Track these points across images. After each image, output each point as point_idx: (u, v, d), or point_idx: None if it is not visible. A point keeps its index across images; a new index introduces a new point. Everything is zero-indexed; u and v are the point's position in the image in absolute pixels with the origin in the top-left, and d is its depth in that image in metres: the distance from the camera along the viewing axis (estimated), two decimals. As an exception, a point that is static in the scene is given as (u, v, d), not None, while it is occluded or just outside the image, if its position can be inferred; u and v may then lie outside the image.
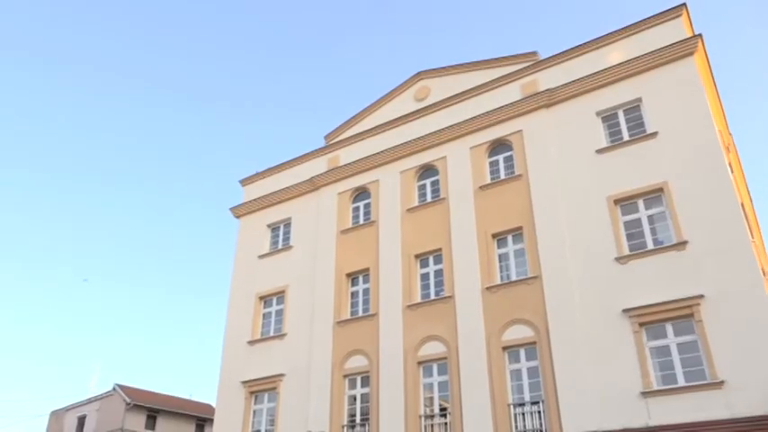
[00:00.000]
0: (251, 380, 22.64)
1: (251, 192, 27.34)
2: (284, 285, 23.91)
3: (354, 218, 23.81)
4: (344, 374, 20.77)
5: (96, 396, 38.05)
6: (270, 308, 24.19)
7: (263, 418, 22.23)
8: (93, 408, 37.55)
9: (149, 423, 36.26)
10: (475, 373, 18.05)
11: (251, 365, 22.92)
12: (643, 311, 16.20)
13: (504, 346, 18.06)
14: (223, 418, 22.94)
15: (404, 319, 20.28)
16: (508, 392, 17.53)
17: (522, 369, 17.74)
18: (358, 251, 22.60)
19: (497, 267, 19.52)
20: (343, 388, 20.66)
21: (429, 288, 20.68)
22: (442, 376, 19.04)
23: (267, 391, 22.42)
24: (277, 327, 23.53)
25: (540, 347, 17.47)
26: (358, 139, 24.87)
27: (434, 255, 21.02)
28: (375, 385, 19.85)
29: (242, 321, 24.26)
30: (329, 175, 24.76)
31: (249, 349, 23.48)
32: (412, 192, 22.57)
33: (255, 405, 22.58)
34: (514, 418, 17.07)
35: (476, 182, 21.00)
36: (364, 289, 22.14)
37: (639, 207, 17.81)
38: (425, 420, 18.58)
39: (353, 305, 22.15)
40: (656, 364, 15.81)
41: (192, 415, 38.23)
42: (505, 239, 19.85)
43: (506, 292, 18.73)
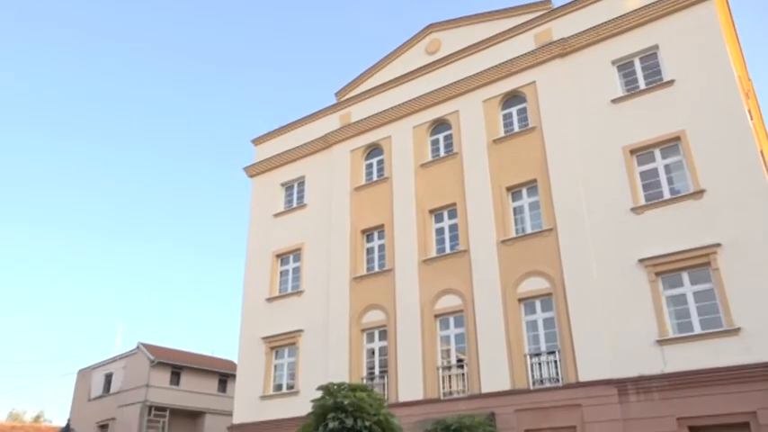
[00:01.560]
0: (271, 336, 23.12)
1: (263, 151, 27.35)
2: (300, 243, 24.15)
3: (368, 174, 23.81)
4: (362, 329, 21.14)
5: (121, 354, 39.04)
6: (287, 265, 24.50)
7: (284, 373, 22.79)
8: (119, 366, 38.60)
9: (174, 379, 37.27)
10: (491, 324, 18.31)
11: (270, 322, 23.38)
12: (659, 261, 16.24)
13: (520, 298, 18.25)
14: (245, 373, 23.55)
15: (419, 273, 20.48)
16: (524, 343, 17.79)
17: (537, 320, 17.96)
18: (372, 208, 22.69)
19: (512, 220, 19.56)
20: (361, 342, 21.06)
21: (444, 242, 20.81)
22: (458, 329, 19.33)
23: (287, 347, 22.92)
24: (294, 284, 23.87)
25: (555, 298, 17.63)
26: (369, 96, 24.66)
27: (449, 209, 21.06)
28: (393, 338, 20.21)
29: (260, 279, 24.63)
30: (341, 132, 24.66)
31: (268, 306, 23.90)
32: (425, 147, 22.47)
33: (276, 360, 23.12)
34: (531, 367, 17.37)
35: (489, 135, 20.85)
36: (380, 245, 22.31)
37: (656, 156, 17.64)
38: (443, 371, 18.96)
39: (369, 261, 22.37)
40: (672, 313, 15.94)
41: (214, 371, 39.16)
42: (520, 192, 19.81)
43: (521, 244, 18.80)
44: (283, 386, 22.55)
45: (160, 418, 36.00)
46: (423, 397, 18.75)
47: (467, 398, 17.87)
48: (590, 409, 15.87)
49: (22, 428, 55.64)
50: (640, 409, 15.32)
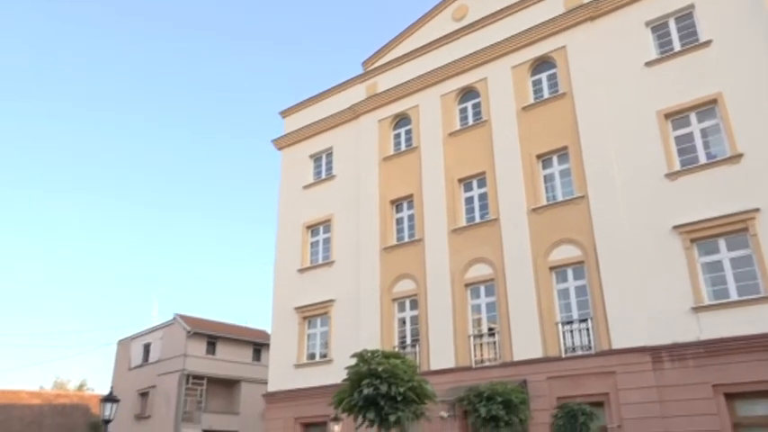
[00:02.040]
0: (303, 306, 23.47)
1: (291, 123, 27.40)
2: (329, 214, 24.30)
3: (396, 144, 23.73)
4: (393, 298, 21.31)
5: (159, 325, 40.12)
6: (317, 236, 24.71)
7: (316, 342, 23.17)
8: (156, 336, 39.70)
9: (209, 349, 38.23)
10: (522, 293, 18.29)
11: (302, 292, 23.70)
12: (695, 227, 15.96)
13: (552, 267, 18.15)
14: (279, 342, 24.00)
15: (449, 242, 20.48)
16: (556, 311, 17.75)
17: (569, 288, 17.88)
18: (401, 178, 22.65)
19: (543, 188, 19.35)
20: (392, 311, 21.25)
21: (474, 212, 20.72)
22: (489, 297, 19.36)
23: (319, 316, 23.25)
24: (325, 254, 24.10)
25: (587, 266, 17.50)
26: (396, 65, 24.42)
27: (478, 178, 20.92)
28: (423, 308, 20.34)
29: (291, 250, 24.92)
30: (368, 102, 24.55)
31: (300, 277, 24.21)
32: (453, 115, 22.25)
33: (309, 329, 23.49)
34: (563, 335, 17.35)
35: (518, 102, 20.54)
36: (409, 215, 22.33)
37: (691, 120, 17.20)
38: (474, 340, 19.06)
39: (399, 231, 22.43)
40: (707, 280, 15.72)
41: (248, 341, 40.03)
42: (550, 160, 19.56)
43: (552, 212, 18.64)
44: (316, 355, 22.94)
45: (198, 387, 37.06)
46: (454, 365, 18.92)
47: (499, 365, 17.97)
48: (623, 377, 15.84)
49: (66, 396, 57.78)
50: (675, 376, 15.24)
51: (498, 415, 10.47)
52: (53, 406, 52.42)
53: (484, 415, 10.53)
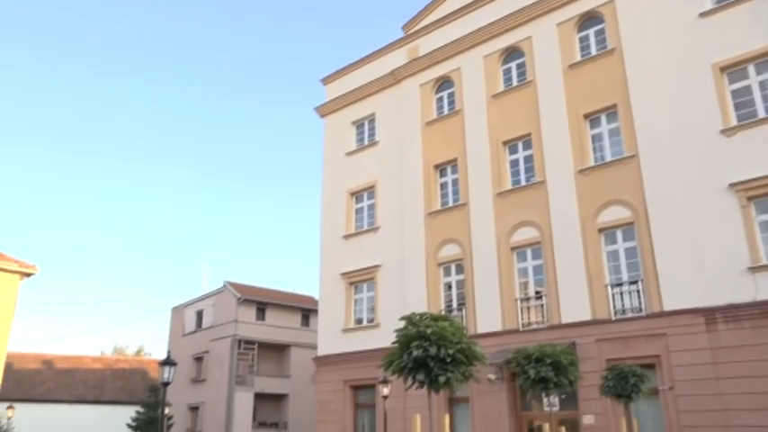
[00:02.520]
0: (349, 272, 23.74)
1: (333, 90, 27.34)
2: (373, 180, 24.33)
3: (438, 108, 23.45)
4: (439, 263, 21.34)
5: (210, 292, 41.33)
6: (361, 203, 24.83)
7: (363, 307, 23.48)
8: (208, 303, 40.94)
9: (259, 315, 39.24)
10: (570, 256, 18.05)
11: (348, 258, 23.96)
12: (752, 185, 15.38)
13: (600, 228, 17.82)
14: (326, 308, 24.42)
15: (495, 206, 20.30)
16: (605, 273, 17.48)
17: (619, 250, 17.55)
18: (444, 142, 22.44)
19: (590, 149, 18.90)
20: (438, 276, 21.30)
21: (519, 174, 20.43)
22: (536, 260, 19.19)
23: (365, 282, 23.51)
24: (370, 221, 24.23)
25: (638, 227, 17.12)
26: (437, 27, 23.97)
27: (523, 140, 20.55)
28: (469, 272, 20.32)
29: (336, 217, 25.14)
30: (410, 66, 24.24)
31: (345, 243, 24.45)
32: (497, 77, 21.80)
33: (356, 295, 23.81)
34: (612, 298, 17.11)
35: (565, 60, 19.95)
36: (453, 179, 22.17)
37: (749, 73, 16.43)
38: (521, 303, 18.99)
39: (443, 196, 22.32)
40: (765, 239, 15.19)
41: (297, 306, 40.91)
42: (598, 119, 19.03)
43: (601, 173, 18.21)
44: (363, 320, 23.28)
45: (249, 351, 38.19)
46: (501, 328, 18.93)
47: (546, 328, 17.90)
48: (675, 339, 15.58)
49: (125, 361, 60.41)
50: (729, 337, 14.90)
51: (547, 376, 10.45)
52: (114, 370, 54.94)
53: (533, 376, 10.53)
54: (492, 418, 18.36)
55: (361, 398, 22.72)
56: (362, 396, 22.70)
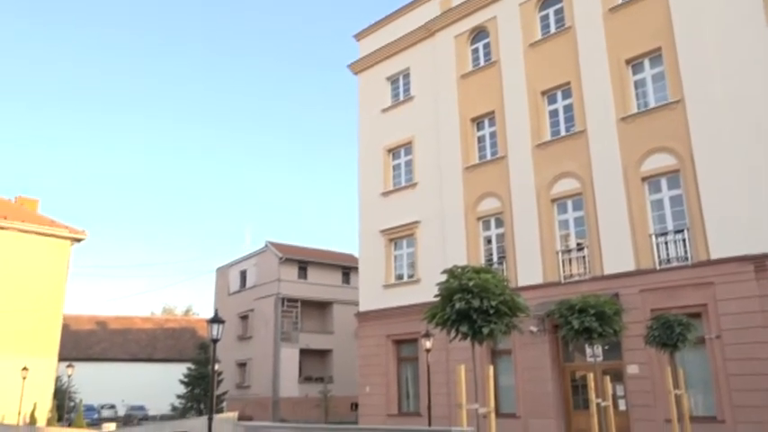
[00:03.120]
0: (388, 228, 23.85)
1: (366, 46, 26.98)
2: (410, 136, 24.15)
3: (474, 60, 22.94)
4: (478, 217, 21.23)
5: (252, 253, 42.22)
6: (398, 159, 24.73)
7: (403, 263, 23.63)
8: (251, 263, 41.85)
9: (301, 273, 39.99)
10: (612, 206, 17.73)
11: (387, 215, 24.02)
12: (805, 126, 14.73)
13: (644, 177, 17.40)
14: (367, 265, 24.67)
15: (534, 158, 19.98)
16: (649, 223, 17.15)
17: (663, 198, 17.15)
18: (481, 94, 22.03)
19: (633, 95, 18.32)
20: (477, 230, 21.22)
21: (559, 125, 19.99)
22: (577, 212, 18.92)
23: (405, 238, 23.60)
24: (407, 177, 24.16)
25: (683, 175, 16.65)
26: (471, -26, 23.25)
27: (562, 89, 20.02)
28: (509, 225, 20.18)
29: (374, 174, 25.13)
30: (443, 18, 23.68)
31: (383, 200, 24.50)
32: (533, 24, 21.14)
33: (395, 251, 23.95)
34: (657, 247, 16.81)
35: (605, 4, 19.19)
36: (490, 132, 21.83)
37: (803, 8, 15.55)
38: (563, 255, 18.83)
39: (481, 149, 22.04)
40: (818, 182, 14.62)
41: (337, 264, 41.52)
42: (641, 64, 18.37)
43: (644, 120, 17.68)
44: (404, 275, 23.45)
45: (293, 309, 39.09)
46: (542, 281, 18.86)
47: (588, 280, 17.75)
48: (723, 287, 15.28)
49: (175, 321, 62.55)
50: (780, 284, 14.53)
51: (591, 327, 10.39)
52: (164, 329, 57.07)
53: (576, 327, 10.47)
54: (534, 370, 18.48)
55: (404, 352, 23.09)
56: (405, 350, 23.06)
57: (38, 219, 33.72)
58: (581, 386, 18.04)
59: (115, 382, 46.83)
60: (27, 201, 36.28)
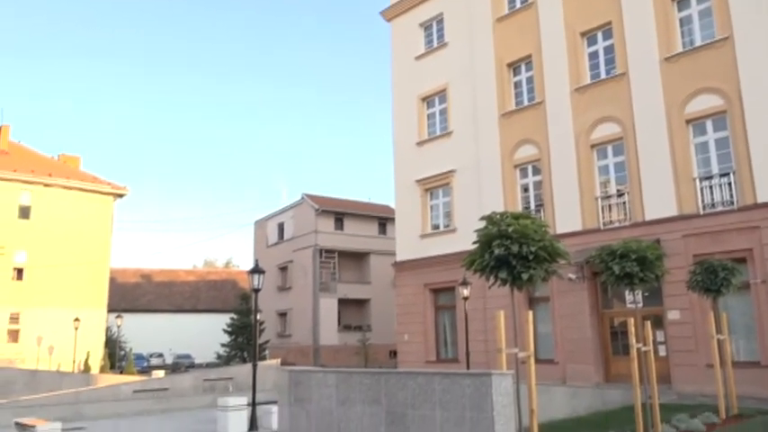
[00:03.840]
0: (424, 178, 23.73)
1: (398, -9, 26.30)
2: (444, 84, 23.72)
3: (510, 2, 22.17)
4: (515, 165, 20.93)
5: (289, 205, 42.68)
6: (433, 108, 24.38)
7: (439, 212, 23.58)
8: (288, 216, 42.35)
9: (338, 225, 40.34)
10: (654, 150, 17.25)
11: (422, 164, 23.86)
12: None
13: (688, 119, 16.82)
14: (403, 215, 24.70)
15: (572, 102, 19.45)
16: (693, 166, 16.66)
17: (708, 141, 16.59)
18: (517, 38, 21.38)
19: (678, 33, 17.54)
20: (514, 178, 20.95)
21: (599, 67, 19.34)
22: (617, 157, 18.47)
23: (441, 187, 23.48)
24: (442, 126, 23.84)
25: (730, 116, 16.03)
26: None
27: (603, 30, 19.28)
28: (547, 172, 19.86)
29: (408, 124, 24.87)
30: (478, -42, 22.84)
31: (418, 150, 24.30)
32: (573, -38, 20.25)
33: (431, 201, 23.88)
34: (701, 191, 16.37)
35: (649, -64, 18.22)
36: (527, 77, 21.28)
37: None
38: (602, 202, 18.51)
39: (517, 95, 21.55)
40: None
41: (374, 215, 41.71)
42: (687, 0, 17.51)
43: (689, 59, 16.96)
44: (440, 225, 23.43)
45: (330, 260, 39.62)
46: (581, 228, 18.64)
47: (629, 226, 17.45)
48: (769, 231, 14.85)
49: (216, 273, 64.14)
50: (830, 227, 14.05)
51: (632, 272, 10.18)
52: (206, 282, 58.63)
53: (617, 272, 10.27)
54: (573, 317, 18.47)
55: (441, 300, 23.29)
56: (442, 298, 23.25)
57: (81, 175, 34.60)
58: (620, 332, 18.00)
59: (162, 333, 48.61)
60: (69, 158, 37.16)
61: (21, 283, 30.40)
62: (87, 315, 30.58)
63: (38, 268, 30.39)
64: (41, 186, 31.66)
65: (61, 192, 32.22)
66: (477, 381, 5.68)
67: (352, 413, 6.70)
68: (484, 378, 5.64)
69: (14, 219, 30.76)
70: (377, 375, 6.65)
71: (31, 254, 30.61)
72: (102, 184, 33.85)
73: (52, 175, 32.37)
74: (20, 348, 29.74)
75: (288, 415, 7.51)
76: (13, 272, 30.31)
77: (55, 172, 32.94)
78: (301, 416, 7.33)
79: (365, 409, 6.57)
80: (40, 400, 16.28)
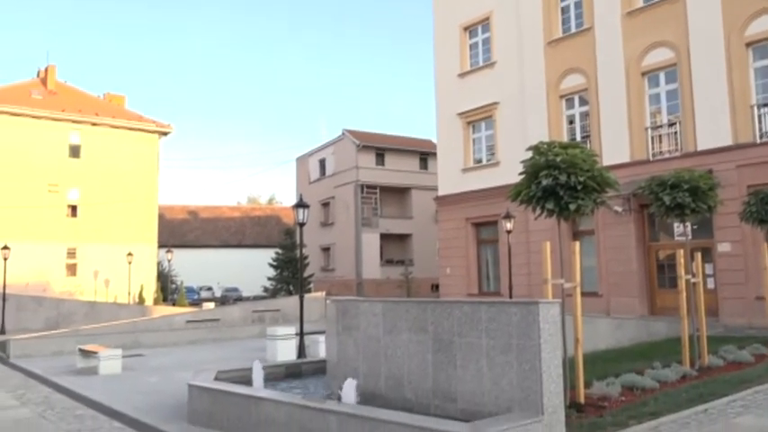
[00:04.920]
0: (466, 111, 23.29)
1: None
2: (487, 11, 22.87)
3: None
4: (561, 95, 20.31)
5: (330, 141, 42.68)
6: (476, 38, 23.62)
7: (482, 146, 23.23)
8: (329, 152, 42.41)
9: (379, 160, 40.25)
10: (710, 76, 16.45)
11: (464, 97, 23.37)
12: None
13: (749, 42, 15.91)
14: (445, 149, 24.44)
15: (623, 28, 18.56)
16: (751, 93, 15.88)
17: (770, 65, 15.72)
18: (565, -40, 20.33)
19: (741, -52, 16.36)
20: (560, 108, 20.38)
21: (652, -11, 18.31)
22: (670, 85, 17.71)
23: (483, 120, 23.04)
24: (485, 56, 23.15)
25: (794, 38, 15.09)
26: None
27: (658, -52, 18.15)
28: (594, 102, 19.23)
29: (450, 55, 24.24)
30: None
31: (461, 82, 23.75)
32: None
33: (474, 134, 23.50)
34: (758, 119, 15.65)
35: None
36: (575, 2, 20.34)
37: None
38: (652, 132, 17.90)
39: (565, 21, 20.67)
40: None
41: (415, 150, 41.40)
42: None
43: (752, -23, 15.88)
44: (483, 159, 23.13)
45: (372, 195, 39.80)
46: (629, 159, 18.15)
47: (680, 156, 16.89)
48: (831, 160, 14.18)
49: (260, 209, 65.34)
50: None
51: (684, 202, 9.89)
52: (251, 218, 59.87)
53: (668, 203, 10.00)
54: (618, 250, 18.25)
55: (484, 234, 23.25)
56: (485, 232, 23.21)
57: (126, 114, 35.18)
58: (666, 265, 17.76)
59: (209, 267, 50.24)
60: (115, 97, 37.70)
61: (75, 219, 31.59)
62: (139, 250, 31.72)
63: (90, 205, 31.47)
64: (89, 125, 32.34)
65: (108, 131, 32.89)
66: (525, 309, 5.68)
67: (398, 340, 6.83)
68: (531, 306, 5.64)
69: (65, 158, 31.68)
70: (423, 304, 6.72)
71: (84, 192, 31.64)
72: (147, 123, 34.37)
73: (99, 114, 32.98)
74: (78, 281, 31.22)
75: (336, 343, 7.72)
76: (67, 209, 31.48)
77: (101, 111, 33.54)
78: (349, 343, 7.52)
79: (411, 337, 6.69)
80: (100, 329, 17.15)
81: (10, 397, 10.13)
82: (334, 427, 5.76)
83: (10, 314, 22.80)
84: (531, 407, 5.48)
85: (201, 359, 13.42)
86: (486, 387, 5.87)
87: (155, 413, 7.93)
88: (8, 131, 29.99)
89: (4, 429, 7.85)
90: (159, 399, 8.93)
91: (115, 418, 8.16)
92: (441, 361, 6.35)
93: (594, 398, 7.51)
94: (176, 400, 8.55)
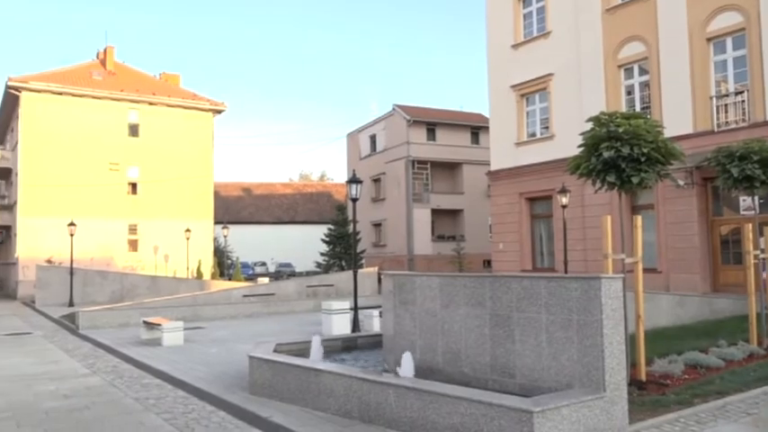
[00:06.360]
0: (520, 83, 22.77)
1: None
2: (542, -20, 22.19)
3: None
4: (619, 64, 19.60)
5: (380, 117, 42.53)
6: (530, 7, 22.95)
7: (536, 119, 22.71)
8: (380, 127, 42.30)
9: (430, 135, 39.90)
10: (782, 41, 15.54)
11: (518, 69, 22.83)
12: None
13: (825, 4, 14.94)
14: (498, 122, 24.01)
15: (688, -8, 17.71)
16: (828, 58, 14.95)
17: None
18: None
19: None
20: (618, 79, 19.68)
21: (720, -51, 17.34)
22: (737, 51, 16.84)
23: (537, 92, 22.49)
24: (540, 26, 22.50)
25: None
26: None
27: None
28: (655, 71, 18.48)
29: (503, 26, 23.66)
30: None
31: (514, 53, 23.20)
32: None
33: (527, 107, 22.99)
34: (835, 86, 14.74)
35: None
36: (636, -34, 19.48)
37: None
38: (717, 101, 17.10)
39: (624, -12, 19.85)
40: None
41: (466, 125, 40.86)
42: None
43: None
44: (537, 132, 22.64)
45: (423, 171, 39.61)
46: (692, 130, 17.42)
47: (747, 127, 16.10)
48: None
49: (312, 186, 66.04)
50: None
51: (753, 174, 9.45)
52: (303, 194, 60.63)
53: (736, 175, 9.58)
54: (679, 225, 17.65)
55: (537, 209, 22.86)
56: (538, 207, 22.82)
57: (181, 93, 35.91)
58: (730, 241, 17.09)
59: (263, 243, 51.26)
60: (170, 76, 38.49)
61: (135, 197, 32.65)
62: (196, 226, 32.59)
63: (149, 183, 32.44)
64: (147, 105, 33.19)
65: (165, 109, 33.69)
66: (586, 284, 5.55)
67: (456, 315, 6.81)
68: (593, 281, 5.50)
69: (125, 137, 32.66)
70: (481, 279, 6.66)
71: (143, 170, 32.62)
72: (201, 101, 35.02)
73: (156, 93, 33.78)
74: (139, 257, 32.36)
75: (392, 317, 7.75)
76: (128, 186, 32.55)
77: (158, 90, 34.33)
78: (405, 317, 7.54)
79: (469, 311, 6.65)
80: (162, 302, 17.78)
81: (81, 366, 10.65)
82: (392, 399, 5.81)
83: (77, 288, 23.92)
84: (592, 383, 5.39)
85: (259, 332, 13.77)
86: (545, 363, 5.81)
87: (217, 383, 8.18)
88: (72, 112, 31.09)
89: (78, 395, 8.26)
90: (221, 369, 9.21)
91: (179, 387, 8.47)
92: (498, 336, 6.30)
93: (656, 375, 7.34)
94: (237, 371, 8.80)
